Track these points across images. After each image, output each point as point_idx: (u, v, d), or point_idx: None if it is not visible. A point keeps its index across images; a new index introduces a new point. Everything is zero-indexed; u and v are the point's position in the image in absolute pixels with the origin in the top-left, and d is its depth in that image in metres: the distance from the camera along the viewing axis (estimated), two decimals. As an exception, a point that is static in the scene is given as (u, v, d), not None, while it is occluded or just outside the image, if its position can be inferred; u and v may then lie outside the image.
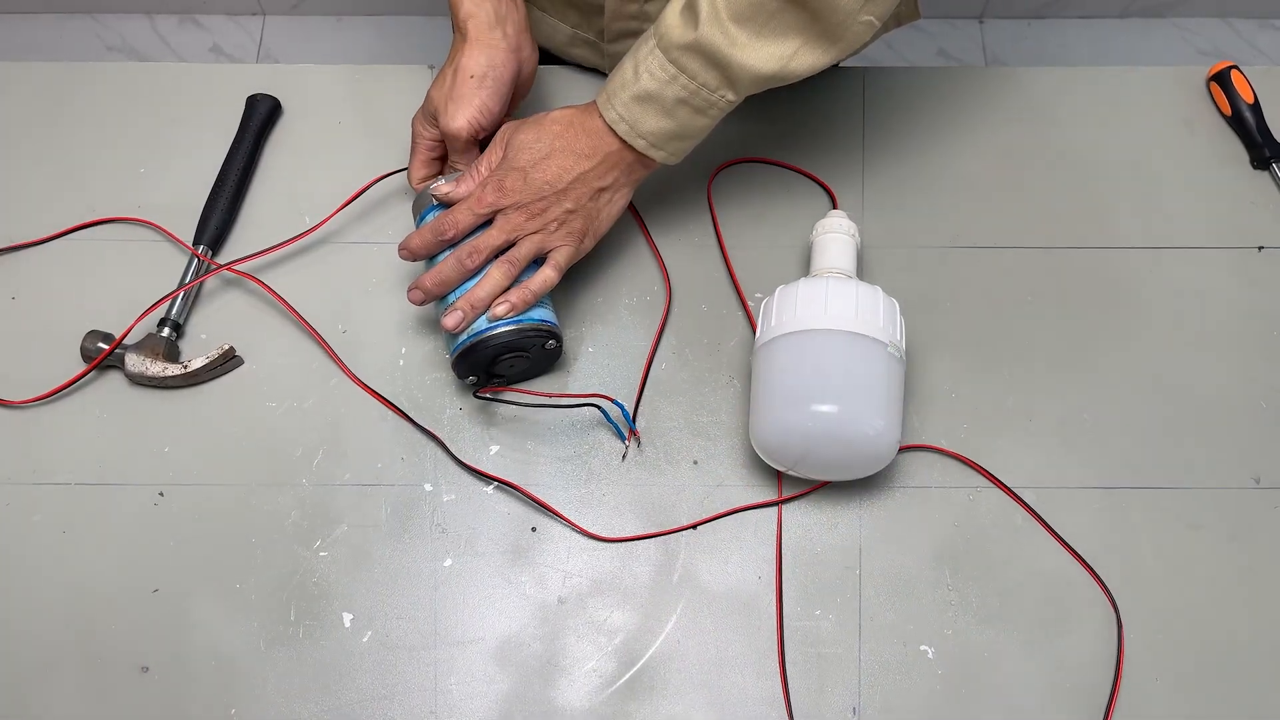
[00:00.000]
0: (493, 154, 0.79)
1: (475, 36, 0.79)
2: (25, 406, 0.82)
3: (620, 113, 0.75)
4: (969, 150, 0.93)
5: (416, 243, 0.79)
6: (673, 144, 0.77)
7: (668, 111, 0.75)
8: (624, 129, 0.76)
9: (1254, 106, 0.92)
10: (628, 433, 0.81)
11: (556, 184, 0.77)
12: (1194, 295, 0.87)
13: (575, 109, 0.78)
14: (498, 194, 0.76)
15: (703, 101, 0.75)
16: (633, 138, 0.76)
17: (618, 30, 0.87)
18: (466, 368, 0.79)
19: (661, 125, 0.76)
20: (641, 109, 0.75)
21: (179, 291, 0.85)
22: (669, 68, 0.73)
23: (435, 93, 0.81)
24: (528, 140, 0.77)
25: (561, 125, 0.77)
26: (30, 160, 0.92)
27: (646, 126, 0.76)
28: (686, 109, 0.75)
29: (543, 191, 0.76)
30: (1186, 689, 0.75)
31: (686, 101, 0.75)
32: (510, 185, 0.76)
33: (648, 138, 0.76)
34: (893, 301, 0.77)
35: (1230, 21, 1.91)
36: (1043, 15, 1.90)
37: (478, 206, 0.77)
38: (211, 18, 1.95)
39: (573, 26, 0.91)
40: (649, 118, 0.75)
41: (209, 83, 0.95)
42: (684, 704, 0.74)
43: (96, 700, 0.74)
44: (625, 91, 0.75)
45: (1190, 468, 0.81)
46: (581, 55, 0.94)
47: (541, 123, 0.78)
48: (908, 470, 0.81)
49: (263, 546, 0.78)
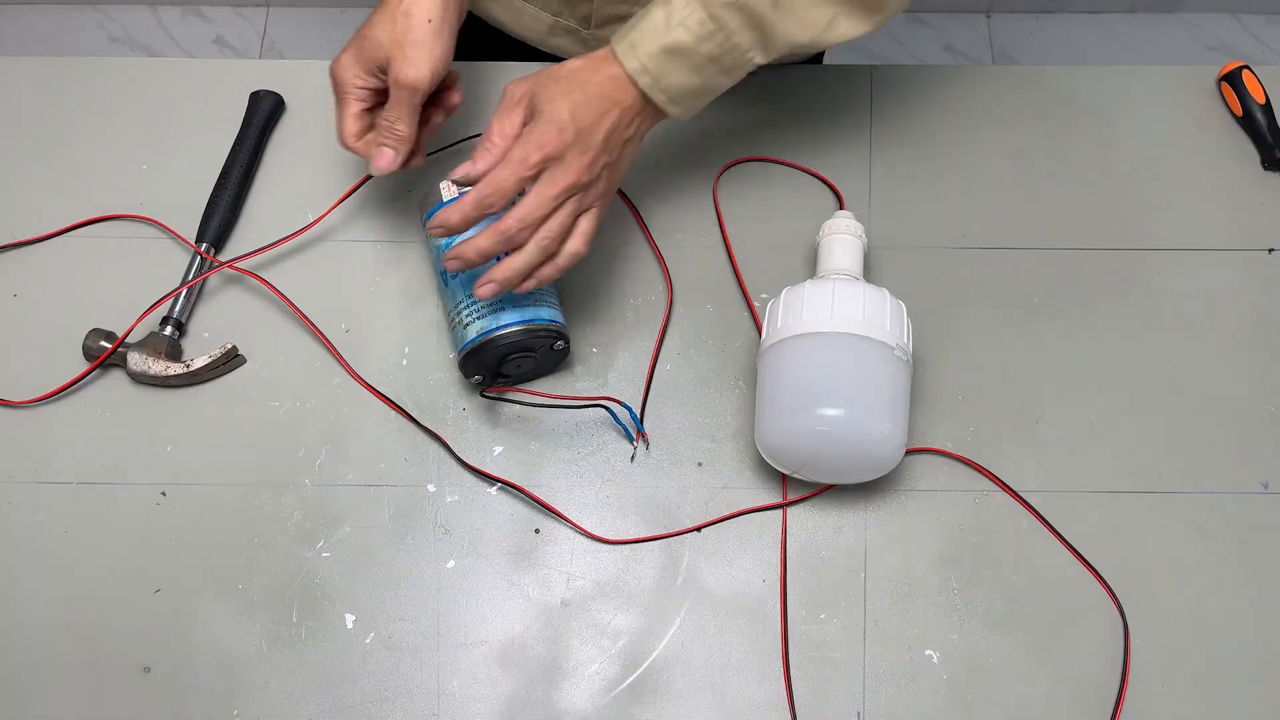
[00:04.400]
0: (511, 116, 0.72)
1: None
2: (27, 405, 0.82)
3: (645, 64, 0.71)
4: (977, 150, 0.92)
5: (456, 218, 0.71)
6: (691, 101, 0.74)
7: (696, 68, 0.72)
8: (646, 81, 0.72)
9: (1265, 107, 0.91)
10: (635, 434, 0.81)
11: (596, 133, 0.71)
12: (1204, 297, 0.86)
13: (589, 57, 0.73)
14: (541, 151, 0.70)
15: (732, 62, 0.72)
16: (655, 91, 0.72)
17: (607, 14, 0.84)
18: (473, 367, 0.79)
19: (687, 82, 0.72)
20: (670, 62, 0.71)
21: (181, 290, 0.84)
22: (708, 23, 0.70)
23: (381, 35, 0.73)
24: (558, 91, 0.71)
25: (585, 74, 0.72)
26: (32, 157, 0.91)
27: (671, 81, 0.72)
28: (715, 68, 0.72)
29: (587, 145, 0.71)
30: (1193, 694, 0.74)
31: (717, 60, 0.72)
32: (552, 141, 0.70)
33: (669, 92, 0.72)
34: (899, 304, 0.77)
35: (1239, 17, 1.90)
36: (1050, 10, 1.89)
37: (524, 168, 0.70)
38: (215, 9, 1.94)
39: (554, 14, 0.88)
40: (676, 72, 0.72)
41: (212, 78, 0.94)
42: (688, 707, 0.74)
43: (98, 700, 0.74)
44: (652, 42, 0.71)
45: (1198, 472, 0.80)
46: (561, 45, 0.91)
47: (563, 73, 0.72)
48: (914, 474, 0.80)
49: (265, 547, 0.78)
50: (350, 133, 0.77)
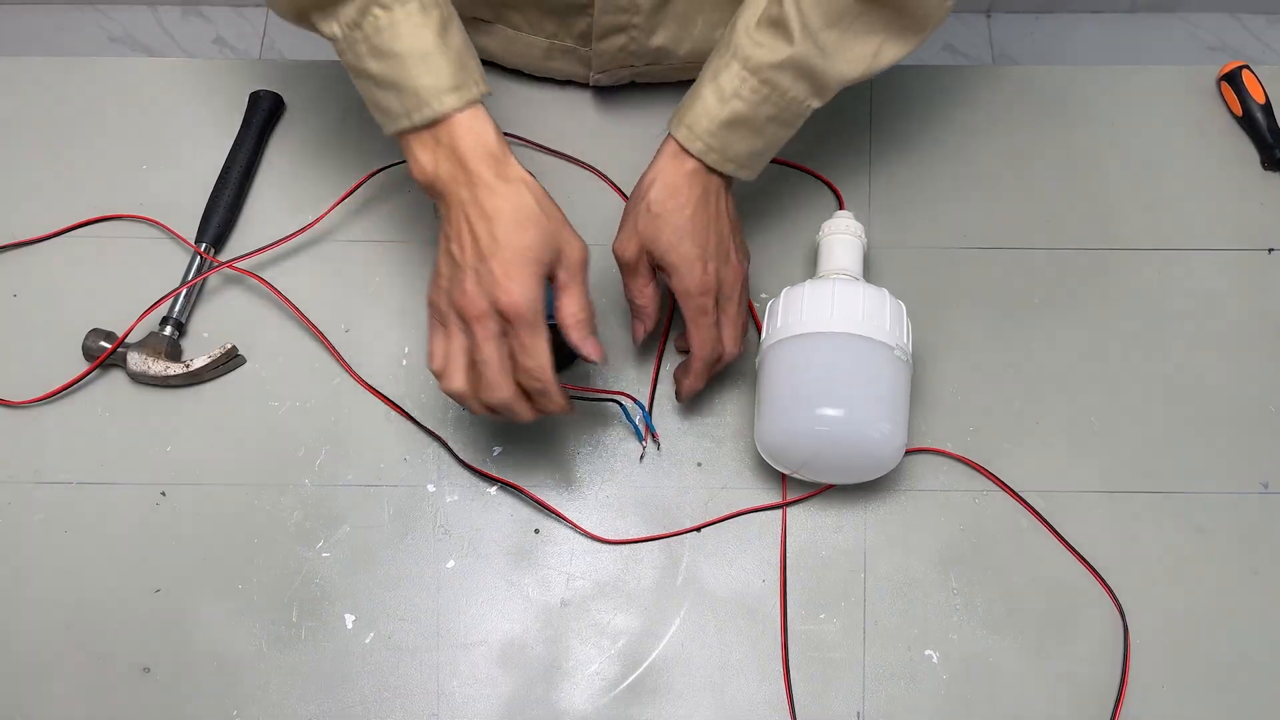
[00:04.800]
0: (638, 281, 0.77)
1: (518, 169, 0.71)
2: (27, 406, 0.82)
3: (708, 142, 0.73)
4: (977, 150, 0.92)
5: (700, 385, 0.79)
6: (758, 161, 0.76)
7: (758, 131, 0.73)
8: (714, 158, 0.73)
9: (1265, 107, 0.91)
10: (645, 433, 0.80)
11: (717, 236, 0.75)
12: (1203, 297, 0.86)
13: (656, 169, 0.75)
14: (708, 295, 0.75)
15: (792, 115, 0.74)
16: (722, 164, 0.74)
17: (607, 25, 0.84)
18: None
19: (751, 145, 0.74)
20: (731, 134, 0.73)
21: (181, 290, 0.84)
22: (760, 89, 0.71)
23: (529, 242, 0.68)
24: (664, 232, 0.74)
25: (666, 195, 0.74)
26: (31, 157, 0.91)
27: (736, 149, 0.74)
28: (775, 124, 0.74)
29: (723, 253, 0.76)
30: (1193, 695, 0.74)
31: (776, 118, 0.73)
32: (706, 281, 0.74)
33: (737, 160, 0.74)
34: (899, 304, 0.77)
35: (1239, 17, 1.90)
36: (1050, 9, 1.89)
37: (710, 319, 0.75)
38: (215, 9, 1.94)
39: (549, 37, 0.88)
40: (739, 140, 0.73)
41: (211, 78, 0.94)
42: (687, 707, 0.74)
43: (98, 701, 0.74)
44: (709, 120, 0.72)
45: (1198, 472, 0.80)
46: (558, 67, 0.90)
47: (651, 208, 0.74)
48: (914, 473, 0.80)
49: (265, 547, 0.78)
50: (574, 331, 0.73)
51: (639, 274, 0.76)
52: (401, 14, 0.67)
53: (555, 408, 0.70)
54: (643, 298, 0.77)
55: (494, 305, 0.66)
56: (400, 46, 0.67)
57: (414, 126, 0.69)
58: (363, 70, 0.69)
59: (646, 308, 0.78)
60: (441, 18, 0.68)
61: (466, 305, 0.67)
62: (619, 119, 0.93)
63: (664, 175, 0.74)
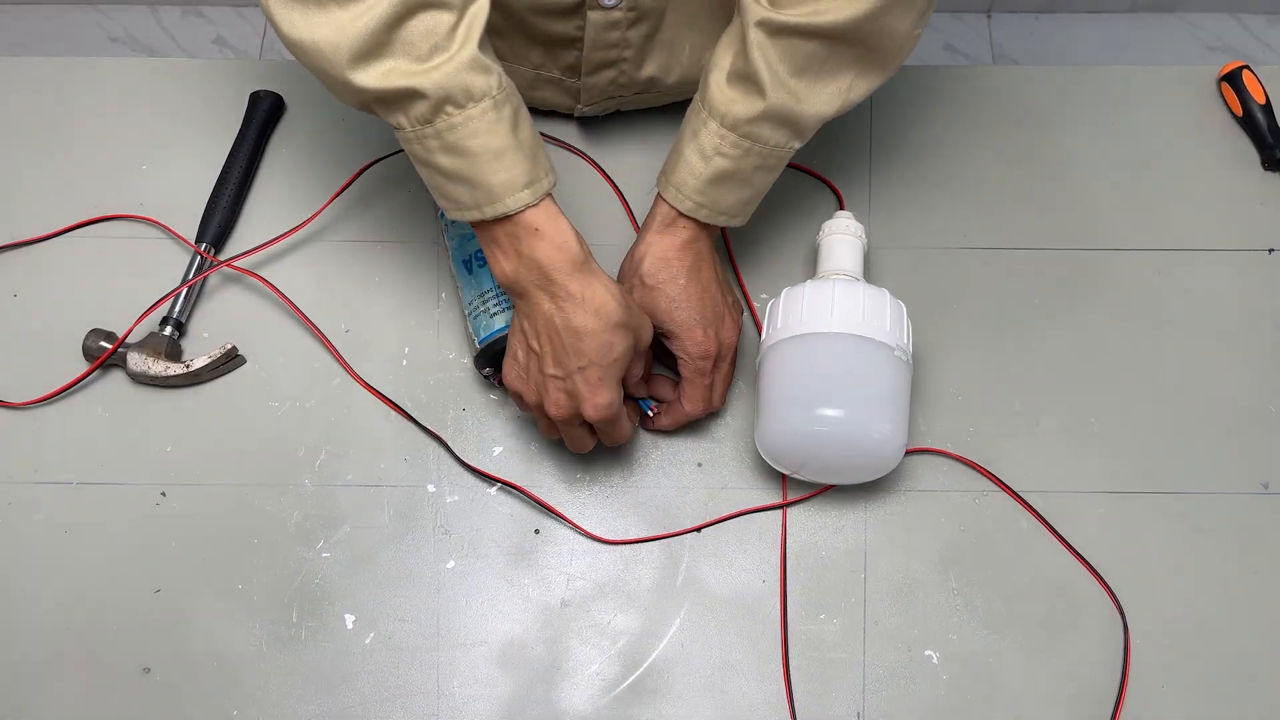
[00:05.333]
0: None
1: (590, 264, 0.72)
2: (27, 406, 0.82)
3: (698, 200, 0.74)
4: (977, 151, 0.92)
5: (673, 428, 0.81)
6: (747, 208, 0.77)
7: (745, 181, 0.74)
8: (705, 214, 0.75)
9: (1265, 107, 0.91)
10: (643, 416, 0.80)
11: (716, 299, 0.77)
12: (1204, 298, 0.86)
13: (653, 245, 0.76)
14: (709, 360, 0.77)
15: (775, 160, 0.74)
16: (714, 218, 0.75)
17: (597, 61, 0.83)
18: (488, 360, 0.79)
19: (739, 196, 0.75)
20: (719, 189, 0.74)
21: (181, 290, 0.84)
22: (741, 143, 0.72)
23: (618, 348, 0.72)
24: (664, 302, 0.76)
25: (663, 267, 0.76)
26: (31, 157, 0.91)
27: (726, 202, 0.75)
28: (761, 172, 0.74)
29: (721, 314, 0.78)
30: (1193, 695, 0.74)
31: (761, 166, 0.74)
32: (708, 346, 0.77)
33: (728, 212, 0.75)
34: (899, 304, 0.77)
35: (1239, 17, 1.90)
36: (1050, 9, 1.89)
37: (707, 381, 0.78)
38: (215, 9, 1.94)
39: (535, 67, 0.86)
40: (727, 194, 0.74)
41: (212, 78, 0.94)
42: (687, 708, 0.74)
43: (98, 701, 0.74)
44: (695, 179, 0.73)
45: (1198, 472, 0.80)
46: (543, 98, 0.89)
47: (647, 280, 0.76)
48: (914, 474, 0.80)
49: (265, 547, 0.78)
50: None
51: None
52: (476, 111, 0.66)
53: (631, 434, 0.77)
54: (639, 370, 0.78)
55: (580, 413, 0.72)
56: (475, 144, 0.67)
57: (485, 219, 0.69)
58: (431, 163, 0.69)
59: (646, 377, 0.80)
60: (513, 111, 0.68)
61: (556, 412, 0.72)
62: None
63: (654, 249, 0.76)
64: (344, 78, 0.65)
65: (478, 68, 0.66)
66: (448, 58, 0.65)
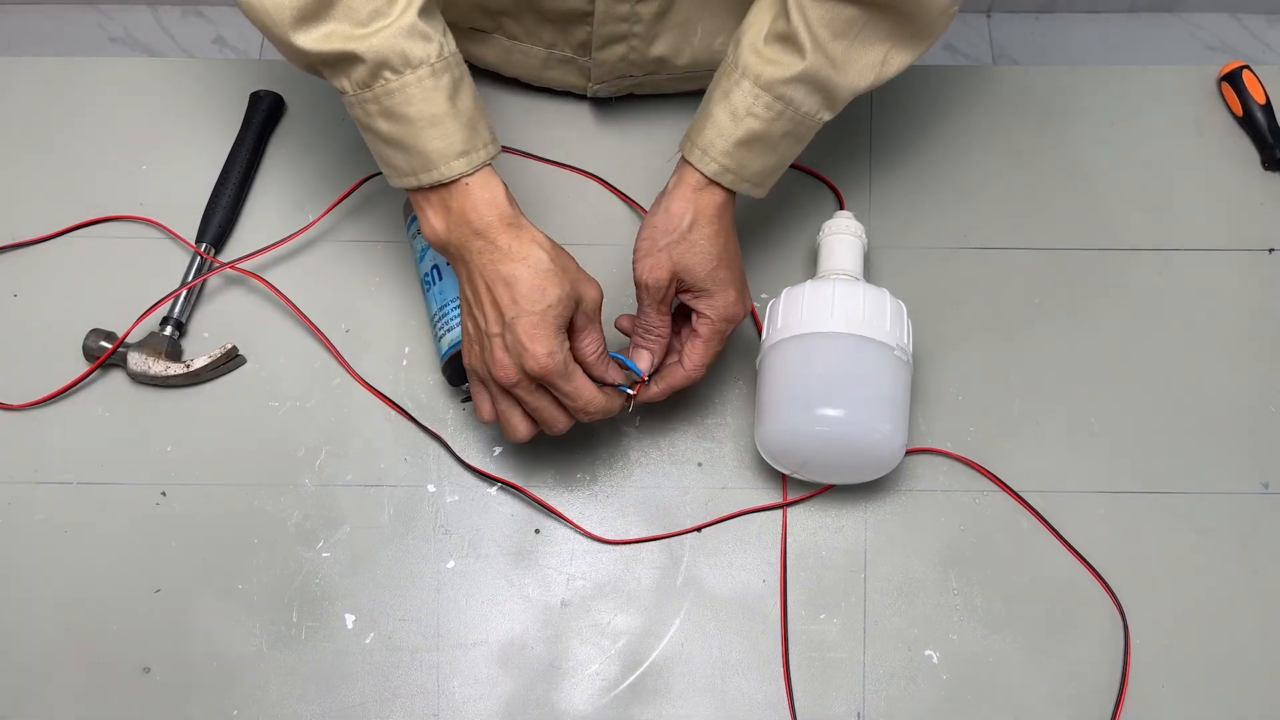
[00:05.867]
0: (661, 309, 0.75)
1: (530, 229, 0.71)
2: (27, 407, 0.82)
3: (723, 163, 0.72)
4: (977, 150, 0.92)
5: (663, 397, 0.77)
6: (771, 177, 0.76)
7: (773, 147, 0.73)
8: (730, 178, 0.73)
9: (1265, 107, 0.91)
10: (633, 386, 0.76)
11: (740, 266, 0.76)
12: (1204, 298, 0.86)
13: (691, 203, 0.73)
14: (733, 325, 0.75)
15: (805, 129, 0.73)
16: (738, 183, 0.73)
17: (607, 35, 0.83)
18: (454, 371, 0.78)
19: (766, 163, 0.73)
20: (747, 152, 0.72)
21: (181, 290, 0.84)
22: (775, 105, 0.71)
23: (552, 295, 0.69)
24: (698, 261, 0.73)
25: (694, 223, 0.73)
26: (31, 157, 0.91)
27: (752, 168, 0.73)
28: (790, 140, 0.73)
29: (744, 282, 0.76)
30: (1193, 695, 0.74)
31: (791, 133, 0.73)
32: (738, 309, 0.75)
33: (752, 179, 0.74)
34: (900, 304, 0.77)
35: (1239, 17, 1.89)
36: (1050, 9, 1.89)
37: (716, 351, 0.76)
38: (215, 9, 1.93)
39: (547, 46, 0.86)
40: (755, 159, 0.73)
41: (212, 78, 0.94)
42: (687, 708, 0.74)
43: (97, 701, 0.74)
44: (724, 140, 0.72)
45: (1198, 472, 0.80)
46: (556, 78, 0.90)
47: (684, 235, 0.73)
48: (914, 474, 0.80)
49: (265, 547, 0.78)
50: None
51: (663, 303, 0.74)
52: (413, 78, 0.67)
53: (619, 408, 0.74)
54: (663, 326, 0.75)
55: (524, 370, 0.69)
56: (411, 111, 0.68)
57: (421, 186, 0.70)
58: (371, 127, 0.70)
59: (665, 337, 0.76)
60: (453, 80, 0.69)
61: (501, 374, 0.70)
62: (617, 130, 0.92)
63: (695, 206, 0.73)
64: (287, 38, 0.67)
65: (416, 34, 0.67)
66: (387, 23, 0.66)
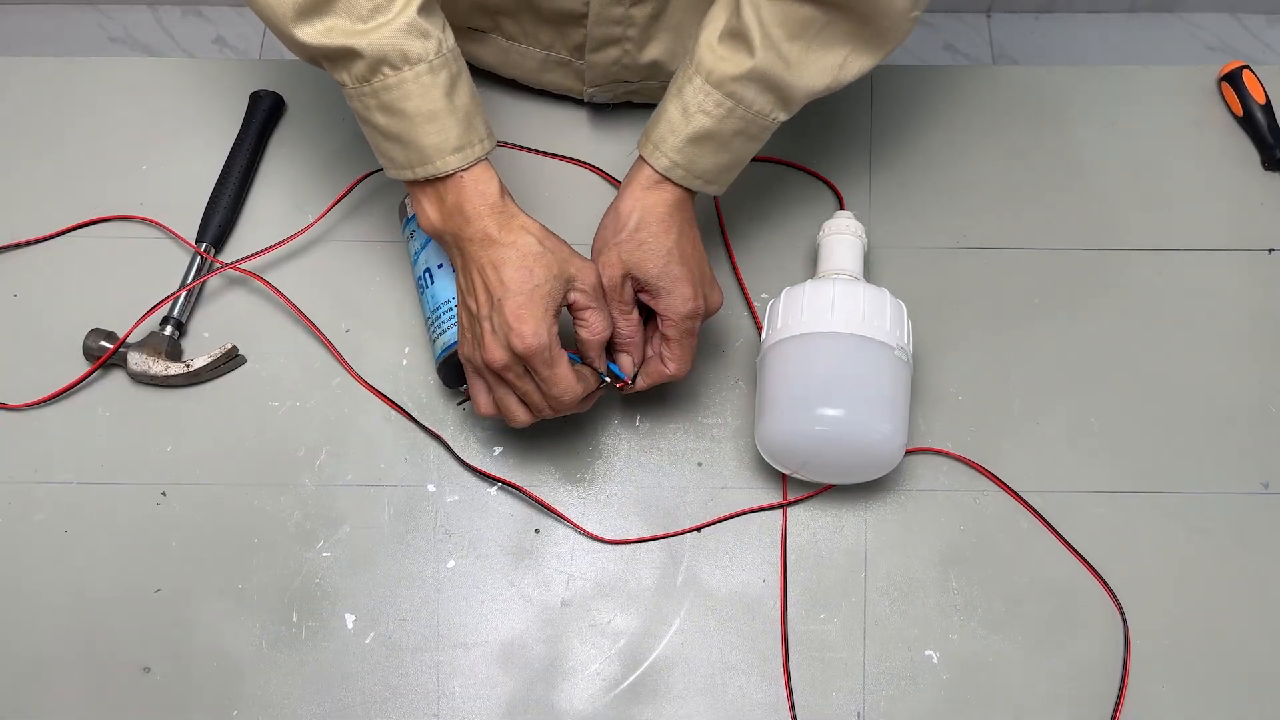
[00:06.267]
0: (626, 309, 0.74)
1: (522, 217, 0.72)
2: (28, 408, 0.82)
3: (674, 159, 0.72)
4: (977, 150, 0.92)
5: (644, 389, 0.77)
6: (725, 175, 0.75)
7: (724, 145, 0.73)
8: (680, 174, 0.73)
9: (1265, 107, 0.91)
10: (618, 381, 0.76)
11: (702, 261, 0.75)
12: (1203, 298, 0.86)
13: (640, 200, 0.73)
14: (697, 320, 0.74)
15: (758, 129, 0.73)
16: (689, 180, 0.73)
17: (600, 37, 0.83)
18: (450, 373, 0.78)
19: (718, 160, 0.73)
20: (697, 149, 0.72)
21: (182, 290, 0.84)
22: (725, 102, 0.71)
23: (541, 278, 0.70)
24: (650, 261, 0.73)
25: (647, 224, 0.73)
26: (31, 157, 0.91)
27: (703, 165, 0.73)
28: (742, 139, 0.73)
29: (706, 276, 0.75)
30: (1193, 695, 0.74)
31: (743, 132, 0.73)
32: (699, 306, 0.74)
33: (704, 176, 0.74)
34: (900, 304, 0.77)
35: (1239, 17, 1.90)
36: (1050, 9, 1.89)
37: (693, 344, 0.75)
38: (215, 9, 1.94)
39: (544, 48, 0.87)
40: (706, 156, 0.73)
41: (212, 78, 0.94)
42: (687, 708, 0.74)
43: (98, 701, 0.74)
44: (675, 136, 0.72)
45: (1198, 472, 0.80)
46: (552, 81, 0.90)
47: (635, 234, 0.73)
48: (914, 473, 0.80)
49: (265, 547, 0.78)
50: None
51: (622, 298, 0.74)
52: (410, 74, 0.68)
53: (597, 396, 0.75)
54: (629, 326, 0.75)
55: (511, 351, 0.69)
56: (408, 106, 0.69)
57: (417, 179, 0.71)
58: (369, 120, 0.71)
59: (633, 337, 0.75)
60: (450, 77, 0.69)
61: (490, 358, 0.70)
62: (613, 135, 0.92)
63: (643, 204, 0.74)
64: (288, 31, 0.68)
65: (415, 32, 0.68)
66: (386, 20, 0.67)
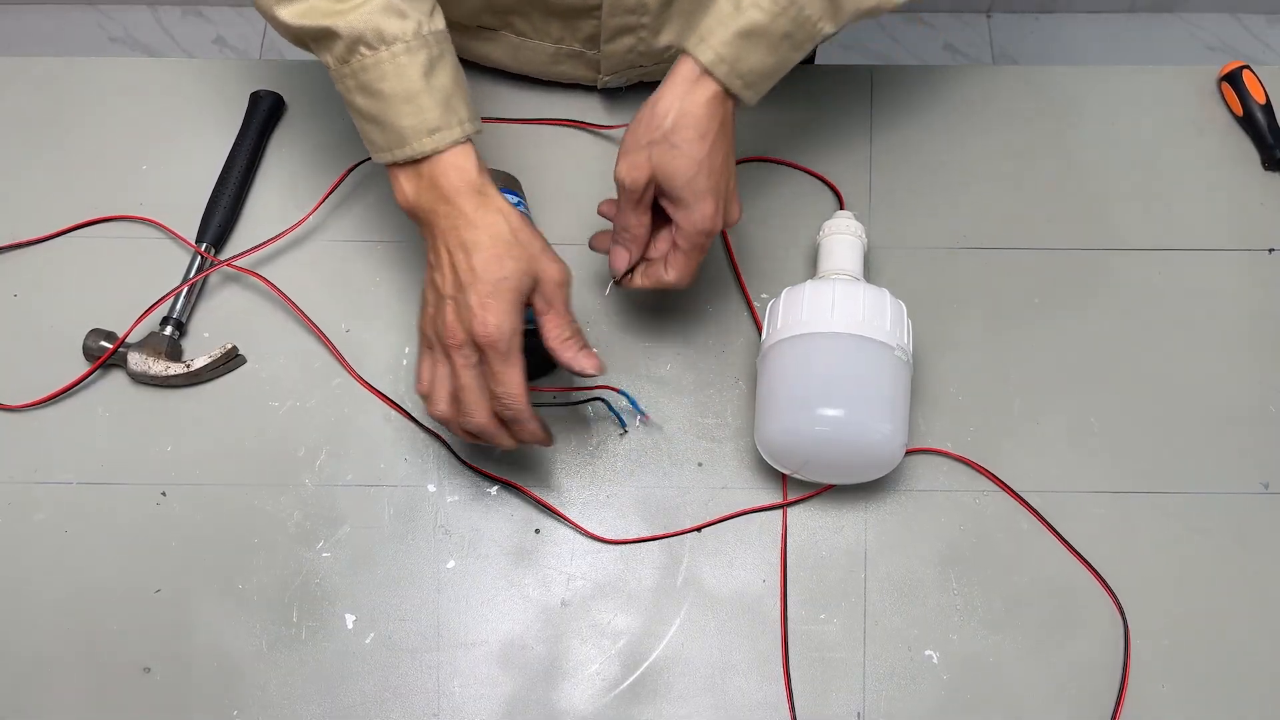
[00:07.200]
0: (639, 211, 0.73)
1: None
2: (27, 409, 0.82)
3: (720, 52, 0.69)
4: (977, 150, 0.92)
5: (644, 287, 0.77)
6: (764, 83, 0.72)
7: (772, 47, 0.69)
8: (724, 70, 0.69)
9: (1265, 107, 0.91)
10: (637, 417, 0.80)
11: (729, 173, 0.73)
12: (1204, 298, 0.86)
13: (679, 98, 0.70)
14: (710, 236, 0.73)
15: (804, 35, 0.70)
16: (731, 78, 0.70)
17: (615, 27, 0.83)
18: None
19: (763, 61, 0.70)
20: (745, 45, 0.69)
21: (181, 290, 0.84)
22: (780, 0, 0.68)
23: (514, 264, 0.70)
24: (682, 167, 0.70)
25: (682, 123, 0.70)
26: (31, 157, 0.91)
27: (748, 64, 0.69)
28: (788, 44, 0.70)
29: (731, 190, 0.74)
30: (1193, 695, 0.74)
31: (790, 35, 0.70)
32: (715, 220, 0.72)
33: (745, 77, 0.70)
34: (900, 304, 0.77)
35: (1239, 17, 1.90)
36: (1050, 9, 1.89)
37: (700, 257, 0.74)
38: (215, 9, 1.94)
39: (555, 41, 0.86)
40: (752, 54, 0.69)
41: (212, 78, 0.94)
42: (687, 708, 0.74)
43: (98, 701, 0.74)
44: (724, 29, 0.68)
45: (1198, 472, 0.80)
46: (566, 71, 0.89)
47: (670, 136, 0.70)
48: (914, 474, 0.80)
49: (265, 547, 0.78)
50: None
51: (641, 203, 0.72)
52: (386, 55, 0.68)
53: (530, 436, 0.72)
54: (639, 227, 0.73)
55: (470, 335, 0.69)
56: (385, 87, 0.69)
57: (395, 161, 0.71)
58: (351, 102, 0.72)
59: (641, 237, 0.74)
60: (429, 57, 0.69)
61: (446, 335, 0.69)
62: (628, 118, 0.92)
63: (682, 105, 0.70)
64: (271, 11, 0.70)
65: (392, 12, 0.68)
66: (364, 0, 0.68)
